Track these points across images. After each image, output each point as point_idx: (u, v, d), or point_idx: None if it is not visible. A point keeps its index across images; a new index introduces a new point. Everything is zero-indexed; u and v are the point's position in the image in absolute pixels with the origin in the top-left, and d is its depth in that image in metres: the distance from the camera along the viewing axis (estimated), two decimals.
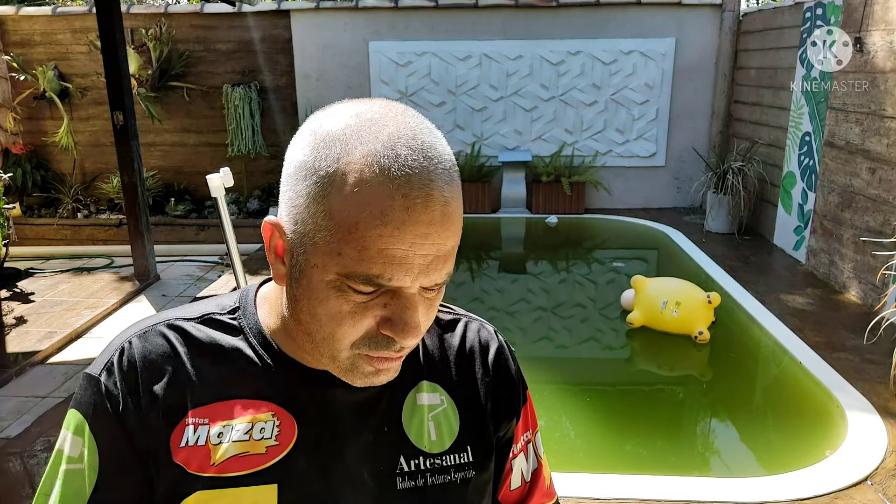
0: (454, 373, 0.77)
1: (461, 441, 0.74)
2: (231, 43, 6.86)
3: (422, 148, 0.59)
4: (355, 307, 0.60)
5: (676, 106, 6.80)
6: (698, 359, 4.00)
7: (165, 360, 0.68)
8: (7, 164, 6.68)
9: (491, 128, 6.93)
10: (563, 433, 3.19)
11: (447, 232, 0.59)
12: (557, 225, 6.49)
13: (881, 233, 3.96)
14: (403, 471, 0.70)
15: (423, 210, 0.57)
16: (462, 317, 0.82)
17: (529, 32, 6.70)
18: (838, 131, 4.55)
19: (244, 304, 0.73)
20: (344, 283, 0.59)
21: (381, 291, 0.60)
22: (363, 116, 0.60)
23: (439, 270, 0.60)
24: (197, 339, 0.70)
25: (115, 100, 4.68)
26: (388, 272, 0.58)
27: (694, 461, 2.99)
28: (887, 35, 3.99)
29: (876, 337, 3.33)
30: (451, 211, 0.60)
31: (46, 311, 4.35)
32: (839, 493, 2.36)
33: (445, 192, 0.59)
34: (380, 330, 0.61)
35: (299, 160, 0.61)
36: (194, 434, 0.66)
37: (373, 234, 0.57)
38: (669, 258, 5.70)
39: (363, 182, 0.57)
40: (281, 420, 0.67)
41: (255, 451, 0.66)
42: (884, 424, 2.77)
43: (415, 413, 0.72)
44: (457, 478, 0.72)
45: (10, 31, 6.82)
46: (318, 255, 0.59)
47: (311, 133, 0.62)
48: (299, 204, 0.60)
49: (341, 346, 0.62)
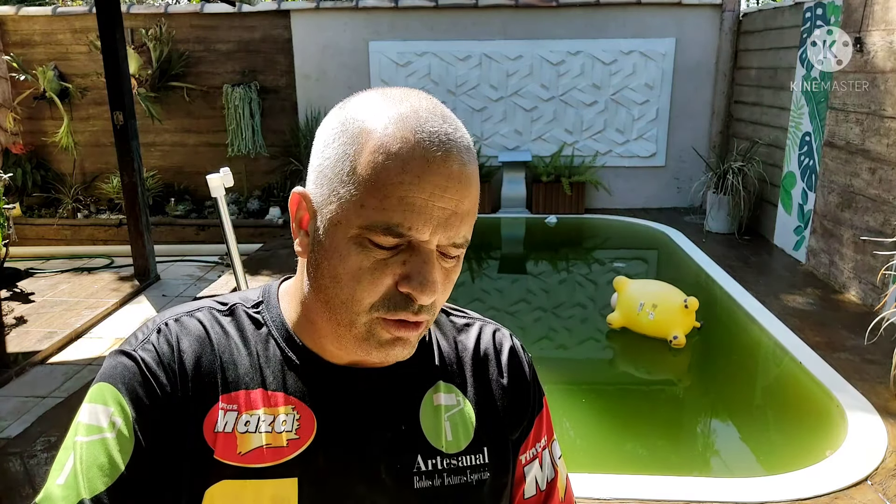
0: (469, 375, 0.77)
1: (477, 442, 0.74)
2: (231, 43, 6.86)
3: (443, 116, 0.64)
4: (375, 264, 0.61)
5: (676, 106, 6.80)
6: (699, 359, 4.01)
7: (201, 344, 0.69)
8: (7, 164, 6.68)
9: (491, 128, 6.93)
10: (563, 433, 3.19)
11: (465, 189, 0.62)
12: (557, 225, 6.50)
13: (881, 233, 3.96)
14: (421, 470, 0.70)
15: (443, 163, 0.61)
16: (477, 321, 0.84)
17: (529, 32, 6.70)
18: (838, 131, 4.55)
19: (267, 298, 0.75)
20: (365, 239, 0.61)
21: (400, 249, 0.61)
22: (388, 94, 0.65)
23: (457, 228, 0.62)
24: (225, 329, 0.71)
25: (115, 100, 4.68)
26: (408, 220, 0.60)
27: (694, 461, 2.99)
28: (887, 35, 3.99)
29: (876, 337, 3.33)
30: (469, 172, 0.63)
31: (46, 311, 4.35)
32: (839, 493, 2.36)
33: (464, 155, 0.63)
34: (398, 288, 0.62)
35: (329, 132, 0.65)
36: (223, 419, 0.66)
37: (394, 181, 0.59)
38: (669, 258, 5.70)
39: (387, 136, 0.61)
40: (301, 414, 0.68)
41: (277, 443, 0.67)
42: (884, 424, 2.77)
43: (432, 413, 0.73)
44: (473, 479, 0.72)
45: (10, 31, 6.82)
46: (342, 211, 0.62)
47: (340, 108, 0.67)
48: (326, 166, 0.64)
49: (360, 308, 0.63)
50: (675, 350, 3.76)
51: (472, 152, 0.65)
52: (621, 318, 3.96)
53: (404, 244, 0.61)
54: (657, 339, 3.82)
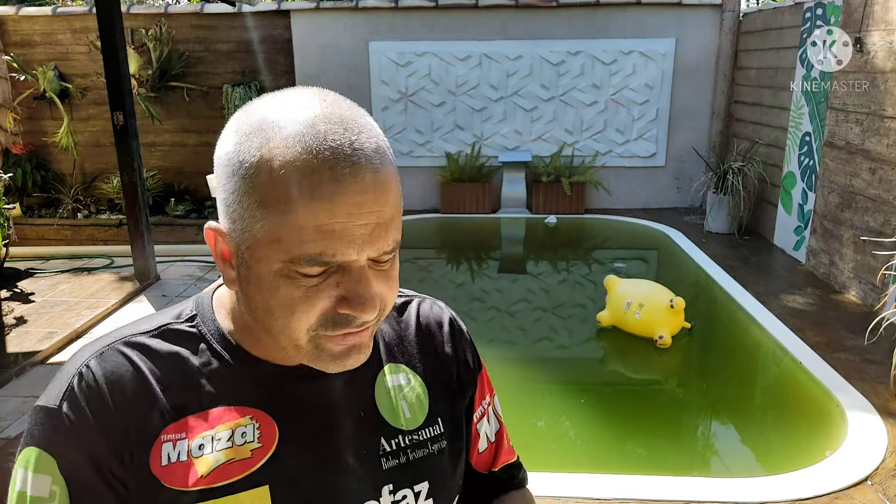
0: (415, 351, 0.79)
1: (432, 414, 0.77)
2: (231, 43, 6.86)
3: (342, 121, 0.59)
4: (307, 291, 0.59)
5: (676, 106, 6.80)
6: (699, 360, 4.01)
7: (129, 379, 0.65)
8: (7, 164, 6.68)
9: (491, 128, 6.93)
10: (563, 433, 3.19)
11: (382, 198, 0.59)
12: (557, 225, 6.50)
13: (881, 233, 3.96)
14: (386, 451, 0.72)
15: (353, 179, 0.57)
16: (413, 297, 0.85)
17: (529, 32, 6.70)
18: (838, 131, 4.55)
19: (201, 310, 0.71)
20: (291, 270, 0.58)
21: (331, 271, 0.59)
22: (280, 105, 0.60)
23: (384, 238, 0.60)
24: (158, 353, 0.67)
25: (115, 100, 4.68)
26: (331, 248, 0.57)
27: (694, 461, 2.99)
28: (887, 35, 3.99)
29: (876, 337, 3.33)
30: (383, 178, 0.59)
31: (46, 311, 4.35)
32: (839, 493, 2.36)
33: (374, 160, 0.59)
34: (337, 310, 0.60)
35: (225, 159, 0.61)
36: (174, 450, 0.64)
37: (306, 212, 0.56)
38: (669, 258, 5.70)
39: (288, 164, 0.57)
40: (260, 422, 0.67)
41: (240, 456, 0.65)
42: (884, 424, 2.77)
43: (386, 395, 0.74)
44: (433, 449, 0.75)
45: (10, 32, 6.82)
46: (260, 248, 0.59)
47: (233, 131, 0.62)
48: (232, 202, 0.60)
49: (299, 334, 0.61)
50: (675, 350, 3.76)
51: (383, 151, 0.61)
52: (610, 317, 3.99)
53: (333, 266, 0.59)
54: (644, 338, 3.84)
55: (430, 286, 5.34)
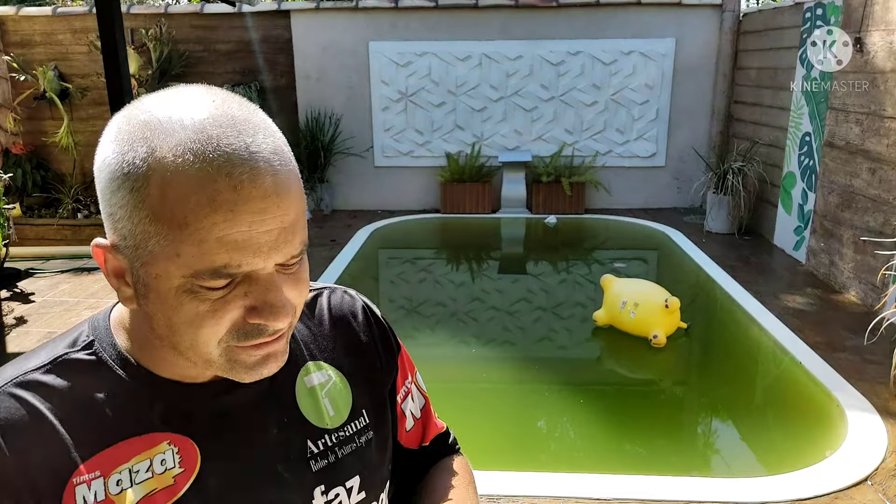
0: (333, 345, 0.78)
1: (356, 407, 0.76)
2: (231, 43, 6.86)
3: (234, 122, 0.55)
4: (213, 305, 0.56)
5: (676, 106, 6.80)
6: (699, 359, 4.01)
7: (27, 425, 0.59)
8: (7, 165, 6.68)
9: (491, 128, 6.93)
10: (563, 433, 3.19)
11: (285, 202, 0.56)
12: (557, 225, 6.50)
13: (881, 233, 3.96)
14: (314, 453, 0.71)
15: (252, 185, 0.54)
16: (322, 289, 0.82)
17: (529, 32, 6.70)
18: (838, 131, 4.55)
19: (98, 334, 0.66)
20: (194, 285, 0.55)
21: (237, 281, 0.56)
22: (164, 108, 0.56)
23: (290, 242, 0.57)
24: (57, 390, 0.61)
25: (115, 100, 4.67)
26: (236, 259, 0.54)
27: (694, 461, 2.99)
28: (887, 35, 3.99)
29: (876, 337, 3.33)
30: (284, 180, 0.56)
31: (47, 311, 4.35)
32: (839, 494, 2.36)
33: (273, 163, 0.55)
34: (248, 320, 0.57)
35: (107, 170, 0.56)
36: (90, 491, 0.60)
37: (206, 224, 0.53)
38: (669, 258, 5.70)
39: (180, 174, 0.53)
40: (178, 446, 0.64)
41: (163, 485, 0.62)
42: (884, 424, 2.77)
43: (308, 396, 0.73)
44: (361, 442, 0.75)
45: (10, 32, 6.82)
46: (157, 264, 0.55)
47: (113, 139, 0.57)
48: (121, 217, 0.56)
49: (209, 348, 0.58)
50: (673, 349, 3.76)
51: (282, 150, 0.57)
52: (606, 316, 4.00)
53: (239, 276, 0.56)
54: (640, 337, 3.84)
55: (430, 286, 5.34)
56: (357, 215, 6.89)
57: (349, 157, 7.04)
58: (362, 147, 7.03)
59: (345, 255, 5.40)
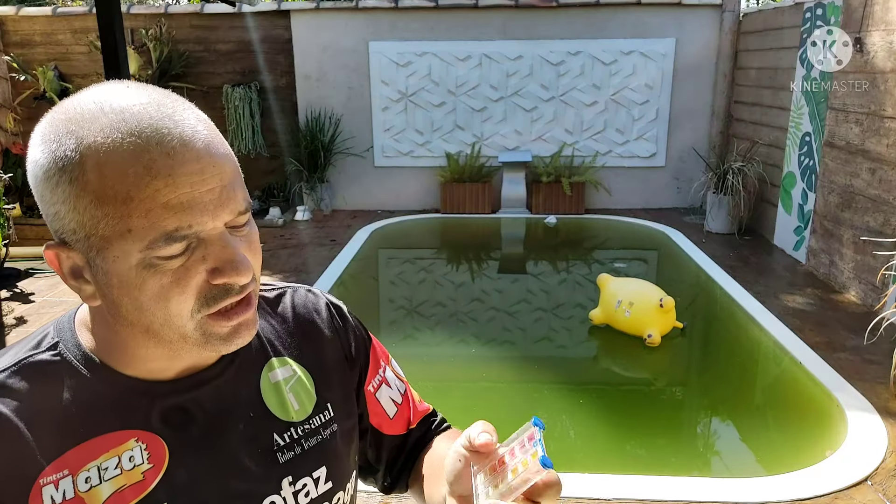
0: (296, 341, 0.79)
1: (320, 401, 0.77)
2: (231, 43, 6.86)
3: (152, 101, 0.58)
4: (175, 275, 0.58)
5: (676, 106, 6.80)
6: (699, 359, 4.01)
7: None
8: (7, 165, 6.68)
9: (491, 128, 6.93)
10: (563, 432, 3.18)
11: (220, 161, 0.59)
12: (557, 225, 6.50)
13: (881, 233, 3.96)
14: (280, 445, 0.72)
15: (185, 149, 0.56)
16: (286, 288, 0.84)
17: (529, 32, 6.70)
18: (838, 131, 4.55)
19: (62, 336, 0.67)
20: (151, 258, 0.56)
21: (192, 247, 0.58)
22: (83, 103, 0.58)
23: (233, 199, 0.59)
24: (21, 392, 0.62)
25: None
26: (185, 220, 0.56)
27: (694, 461, 2.99)
28: (887, 35, 3.99)
29: (876, 337, 3.33)
30: (213, 141, 0.59)
31: (46, 311, 4.35)
32: (839, 494, 2.36)
33: (199, 128, 0.59)
34: (212, 283, 0.59)
35: (42, 173, 0.58)
36: (58, 491, 0.61)
37: (148, 193, 0.55)
38: (669, 258, 5.70)
39: (112, 152, 0.55)
40: (146, 442, 0.65)
41: (132, 480, 0.63)
42: (884, 424, 2.77)
43: (272, 391, 0.74)
44: (326, 434, 0.76)
45: (10, 32, 6.83)
46: (112, 247, 0.57)
47: (40, 141, 0.58)
48: (66, 212, 0.57)
49: (183, 321, 0.59)
50: (672, 349, 3.76)
51: (204, 119, 0.61)
52: (602, 315, 4.02)
53: (193, 241, 0.58)
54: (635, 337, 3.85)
55: (430, 286, 5.34)
56: (357, 215, 6.89)
57: (349, 157, 7.04)
58: (362, 147, 7.03)
59: (345, 255, 5.40)
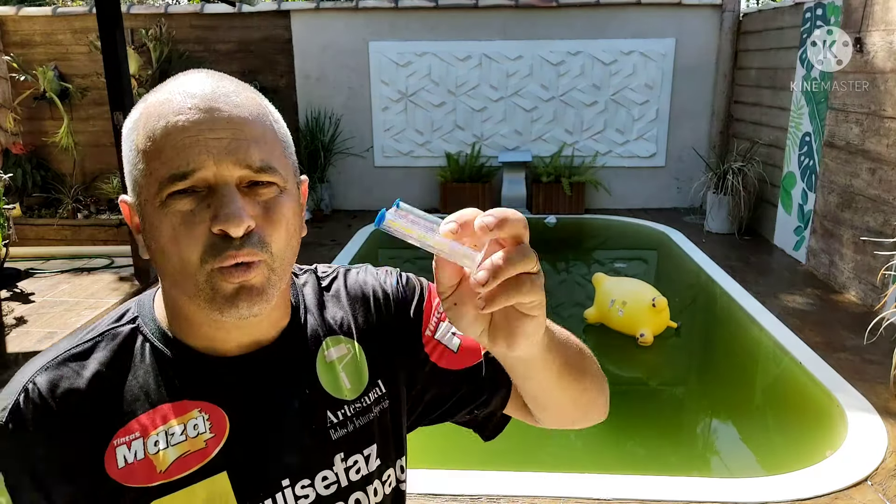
0: (351, 316, 0.81)
1: (372, 378, 0.79)
2: (231, 43, 6.86)
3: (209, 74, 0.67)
4: (184, 217, 0.62)
5: (676, 106, 6.80)
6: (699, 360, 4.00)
7: (74, 391, 0.67)
8: (7, 165, 6.68)
9: (491, 128, 6.93)
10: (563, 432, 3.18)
11: (240, 118, 0.63)
12: (557, 225, 6.50)
13: (881, 233, 3.96)
14: (333, 423, 0.75)
15: (207, 98, 0.63)
16: (340, 268, 0.87)
17: (529, 33, 6.70)
18: (838, 131, 4.55)
19: (142, 311, 0.74)
20: (167, 200, 0.62)
21: (202, 196, 0.62)
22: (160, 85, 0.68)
23: (245, 152, 0.63)
24: (102, 360, 0.69)
25: (116, 100, 4.68)
26: (187, 158, 0.61)
27: (694, 461, 2.99)
28: (887, 35, 3.99)
29: (876, 337, 3.33)
30: (241, 102, 0.65)
31: (46, 311, 4.35)
32: (839, 494, 2.36)
33: (231, 89, 0.65)
34: (211, 230, 0.62)
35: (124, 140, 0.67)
36: (130, 451, 0.66)
37: (162, 132, 0.62)
38: (669, 258, 5.70)
39: (153, 104, 0.64)
40: (209, 413, 0.69)
41: (195, 447, 0.68)
42: (884, 424, 2.77)
43: (327, 369, 0.77)
44: (377, 412, 0.78)
45: (10, 32, 6.82)
46: (144, 191, 0.63)
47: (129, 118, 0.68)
48: (129, 170, 0.66)
49: (192, 267, 0.63)
50: (671, 349, 3.76)
51: (246, 90, 0.67)
52: (596, 314, 4.04)
53: (202, 189, 0.62)
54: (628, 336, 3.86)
55: None
56: (357, 215, 6.89)
57: (349, 157, 7.04)
58: (362, 147, 7.03)
59: (345, 255, 5.40)
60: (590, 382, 0.81)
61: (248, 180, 0.63)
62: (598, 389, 0.84)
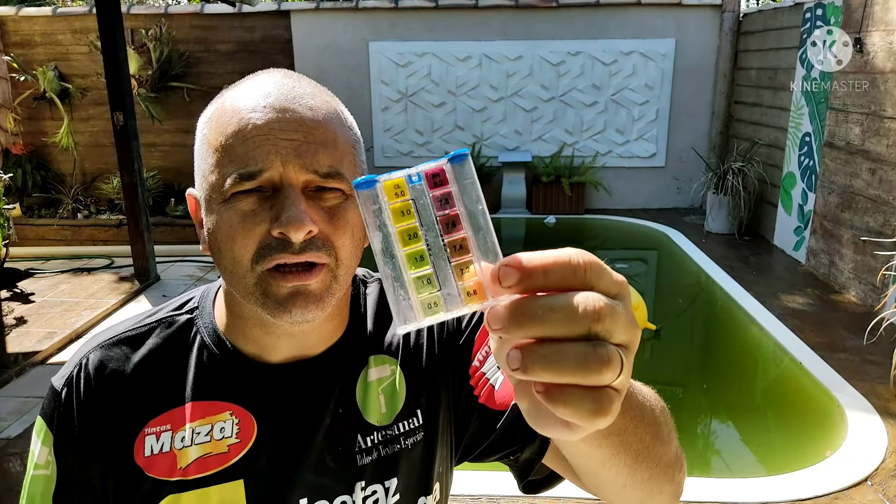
0: (401, 338, 0.76)
1: (409, 405, 0.74)
2: (231, 43, 6.86)
3: (287, 75, 0.66)
4: (244, 216, 0.61)
5: (676, 106, 6.80)
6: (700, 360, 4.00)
7: (117, 374, 0.69)
8: (7, 165, 6.68)
9: (491, 128, 6.93)
10: None
11: (313, 120, 0.62)
12: (557, 225, 6.50)
13: (881, 233, 3.96)
14: (361, 448, 0.71)
15: (282, 99, 0.62)
16: None
17: (529, 33, 6.71)
18: (838, 132, 4.55)
19: (203, 304, 0.74)
20: (231, 196, 0.61)
21: (266, 195, 0.61)
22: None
23: (313, 155, 0.61)
24: (151, 348, 0.70)
25: (116, 100, 4.68)
26: (256, 157, 0.60)
27: (694, 461, 2.99)
28: (887, 35, 3.99)
29: (876, 337, 3.33)
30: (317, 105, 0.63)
31: (46, 311, 4.35)
32: (839, 494, 2.36)
33: (307, 91, 0.64)
34: (271, 232, 0.60)
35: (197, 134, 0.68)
36: (157, 442, 0.67)
37: (235, 128, 0.61)
38: (669, 258, 5.70)
39: (228, 100, 0.64)
40: (240, 418, 0.69)
41: (217, 450, 0.68)
42: (884, 424, 2.77)
43: (367, 390, 0.73)
44: (407, 444, 0.73)
45: (10, 32, 6.82)
46: (210, 186, 0.63)
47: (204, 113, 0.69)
48: (199, 164, 0.66)
49: (243, 269, 0.61)
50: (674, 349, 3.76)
51: (322, 92, 0.66)
52: None
53: (268, 190, 0.61)
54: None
55: None
56: None
57: None
58: None
59: None
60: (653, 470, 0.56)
61: (314, 185, 0.62)
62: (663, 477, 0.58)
